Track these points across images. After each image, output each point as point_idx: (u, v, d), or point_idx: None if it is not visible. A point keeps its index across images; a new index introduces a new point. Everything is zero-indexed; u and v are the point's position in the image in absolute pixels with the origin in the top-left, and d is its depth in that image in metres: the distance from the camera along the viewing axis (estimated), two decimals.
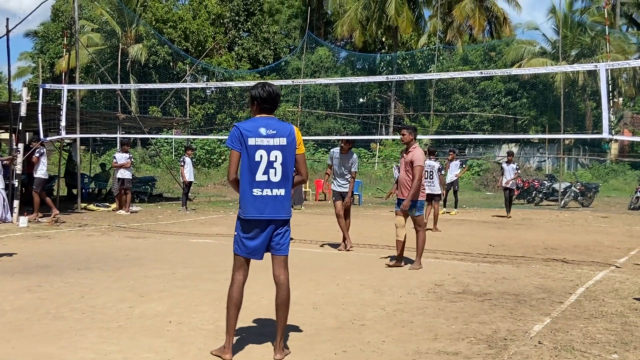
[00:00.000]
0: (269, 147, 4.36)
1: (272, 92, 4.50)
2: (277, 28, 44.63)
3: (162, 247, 10.17)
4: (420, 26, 42.70)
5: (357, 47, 41.72)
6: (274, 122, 4.46)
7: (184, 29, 37.40)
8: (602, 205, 23.06)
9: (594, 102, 36.64)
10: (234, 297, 4.48)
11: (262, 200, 4.38)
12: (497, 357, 4.49)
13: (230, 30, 41.04)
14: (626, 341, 4.92)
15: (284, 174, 4.41)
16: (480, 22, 39.49)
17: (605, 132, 9.49)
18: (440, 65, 37.64)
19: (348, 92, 40.23)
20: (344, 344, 4.79)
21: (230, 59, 39.34)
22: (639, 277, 7.91)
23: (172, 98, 34.62)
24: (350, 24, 39.58)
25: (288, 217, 4.51)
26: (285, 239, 4.56)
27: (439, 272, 8.12)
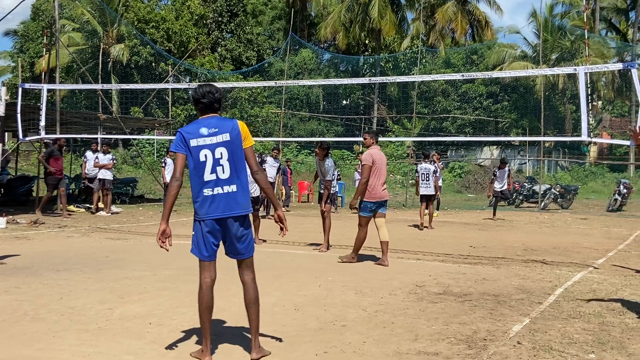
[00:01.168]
0: (212, 145, 4.34)
1: (207, 92, 4.46)
2: (261, 29, 44.64)
3: (143, 249, 10.12)
4: (403, 29, 42.93)
5: (340, 49, 41.84)
6: (215, 120, 4.44)
7: (166, 30, 37.27)
8: (581, 207, 23.31)
9: (574, 105, 37.04)
10: (204, 301, 4.40)
11: (213, 199, 4.32)
12: (477, 357, 4.52)
13: (213, 31, 40.96)
14: (603, 341, 4.97)
15: (233, 169, 4.36)
16: (463, 26, 39.80)
17: (584, 135, 9.60)
18: (422, 68, 37.86)
19: (331, 94, 40.33)
20: (325, 344, 4.80)
21: (213, 60, 39.25)
22: (616, 278, 8.01)
23: (154, 99, 34.43)
24: (333, 26, 39.70)
25: (244, 212, 4.41)
26: (245, 241, 4.46)
27: (421, 273, 8.16)
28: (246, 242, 4.47)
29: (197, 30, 39.73)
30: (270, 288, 6.90)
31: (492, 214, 17.93)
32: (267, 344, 4.68)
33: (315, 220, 14.97)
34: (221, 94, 4.56)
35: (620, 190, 21.66)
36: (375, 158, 8.85)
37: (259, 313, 4.52)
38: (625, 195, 21.72)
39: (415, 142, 33.80)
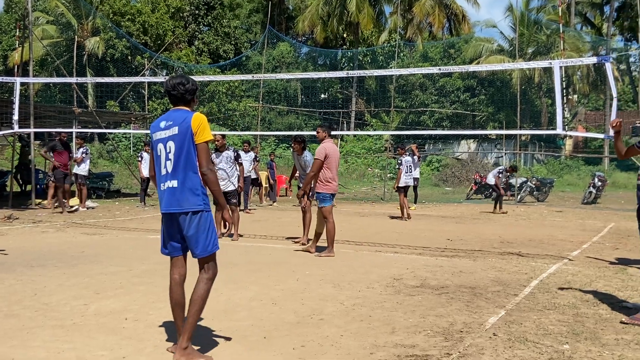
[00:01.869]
0: (165, 139, 4.27)
1: (176, 84, 4.32)
2: (238, 23, 44.38)
3: (119, 244, 10.03)
4: (381, 23, 42.97)
5: (318, 43, 41.78)
6: (178, 113, 4.31)
7: (142, 22, 36.91)
8: (557, 199, 23.59)
9: (550, 99, 37.43)
10: (174, 298, 4.35)
11: (163, 193, 4.30)
12: (453, 349, 4.55)
13: (190, 24, 40.67)
14: (577, 332, 5.04)
15: (176, 164, 4.22)
16: (440, 20, 39.93)
17: (559, 129, 9.71)
18: (400, 62, 37.96)
19: (309, 87, 40.29)
20: (303, 338, 4.80)
21: (190, 54, 38.97)
22: (590, 269, 8.12)
23: (131, 92, 34.09)
24: (311, 19, 39.59)
25: (188, 209, 4.21)
26: (197, 239, 4.25)
27: (398, 266, 8.19)
28: (198, 242, 4.26)
29: (173, 23, 39.41)
30: (247, 282, 6.88)
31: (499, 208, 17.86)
32: (220, 345, 4.66)
33: (294, 214, 14.96)
34: (195, 85, 4.41)
35: (595, 183, 21.95)
36: (329, 152, 9.03)
37: (198, 314, 4.25)
38: (599, 188, 22.01)
39: (393, 136, 33.92)
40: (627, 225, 13.81)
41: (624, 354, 4.47)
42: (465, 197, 24.04)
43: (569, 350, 4.54)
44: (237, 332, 4.95)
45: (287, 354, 4.42)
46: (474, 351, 4.50)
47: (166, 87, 4.39)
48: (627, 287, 6.95)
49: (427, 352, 4.47)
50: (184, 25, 40.61)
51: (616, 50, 38.84)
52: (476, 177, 24.77)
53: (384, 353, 4.46)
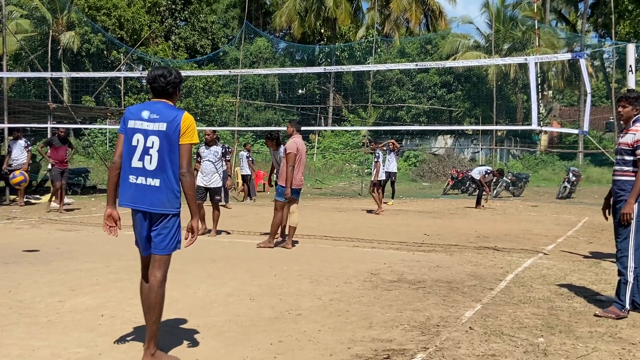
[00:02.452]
0: (146, 131, 4.06)
1: (157, 75, 4.17)
2: (215, 17, 44.10)
3: (95, 240, 9.93)
4: (358, 18, 43.01)
5: (295, 38, 41.72)
6: (161, 106, 4.16)
7: (118, 17, 36.48)
8: (532, 194, 23.84)
9: (525, 95, 37.79)
10: (143, 298, 4.17)
11: (136, 188, 4.07)
12: (430, 343, 4.59)
13: (166, 19, 40.33)
14: (552, 325, 5.11)
15: (160, 163, 4.05)
16: (417, 15, 40.11)
17: (534, 124, 9.80)
18: (378, 58, 38.04)
19: (287, 83, 40.20)
20: (280, 334, 4.81)
21: (166, 49, 38.67)
22: (565, 263, 8.23)
23: (107, 87, 33.76)
24: (288, 14, 39.51)
25: (164, 211, 4.09)
26: (164, 237, 4.12)
27: (375, 261, 8.23)
28: (163, 236, 4.12)
29: (150, 17, 39.02)
30: (225, 278, 6.87)
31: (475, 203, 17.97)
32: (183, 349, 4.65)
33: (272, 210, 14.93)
34: (178, 76, 4.26)
35: (569, 178, 22.22)
36: (299, 147, 9.11)
37: (158, 319, 4.11)
38: (574, 182, 22.28)
39: (370, 131, 34.01)
40: (600, 219, 13.92)
41: (597, 346, 4.54)
42: (442, 192, 24.18)
43: (544, 343, 4.60)
44: (214, 328, 4.94)
45: (264, 350, 4.42)
46: (451, 345, 4.54)
47: (147, 79, 4.26)
48: (601, 280, 7.06)
49: (404, 347, 4.50)
50: (161, 20, 40.26)
51: (590, 46, 39.35)
52: (453, 172, 24.95)
53: (361, 347, 4.48)
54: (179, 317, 5.20)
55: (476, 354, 4.35)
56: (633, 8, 36.81)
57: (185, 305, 5.59)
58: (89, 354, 4.27)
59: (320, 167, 33.06)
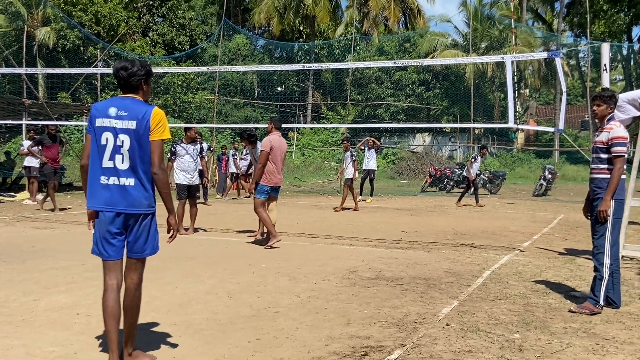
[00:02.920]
0: (115, 129, 3.86)
1: (120, 67, 3.97)
2: (193, 14, 43.82)
3: (71, 238, 9.83)
4: (337, 16, 43.02)
5: (274, 36, 41.61)
6: (129, 102, 3.95)
7: (94, 13, 36.09)
8: (509, 192, 24.07)
9: (502, 93, 38.10)
10: (110, 306, 3.89)
11: (108, 189, 3.88)
12: (407, 339, 4.61)
13: (144, 15, 39.98)
14: (527, 321, 5.17)
15: (133, 161, 3.87)
16: (396, 14, 40.22)
17: (511, 122, 9.90)
18: (357, 55, 38.12)
19: (266, 80, 40.12)
20: (258, 331, 4.80)
21: (144, 45, 38.33)
22: (540, 260, 8.32)
23: (83, 84, 33.39)
24: (267, 12, 39.39)
25: (140, 211, 3.92)
26: (141, 240, 3.97)
27: (354, 258, 8.25)
28: (141, 242, 3.98)
29: (127, 13, 38.66)
30: (203, 276, 6.84)
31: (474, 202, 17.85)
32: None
33: (251, 207, 14.91)
34: (143, 68, 4.02)
35: (545, 175, 22.48)
36: (274, 145, 9.10)
37: (136, 321, 4.01)
38: (550, 180, 22.55)
39: (349, 129, 34.07)
40: (576, 216, 14.18)
41: (571, 342, 4.61)
42: (421, 190, 24.32)
43: (520, 339, 4.65)
44: (192, 325, 4.92)
45: (242, 347, 4.41)
46: (428, 341, 4.58)
47: (113, 71, 4.06)
48: (576, 276, 7.16)
49: (381, 343, 4.52)
50: (138, 16, 39.90)
51: (566, 45, 39.82)
52: (431, 169, 25.10)
53: (339, 345, 4.49)
54: (157, 315, 5.17)
55: (453, 350, 4.39)
56: (608, 8, 37.34)
57: (164, 303, 5.56)
58: (65, 353, 4.23)
59: (299, 165, 33.04)
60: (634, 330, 4.96)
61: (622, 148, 5.54)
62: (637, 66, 41.38)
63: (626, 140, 5.57)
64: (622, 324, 5.14)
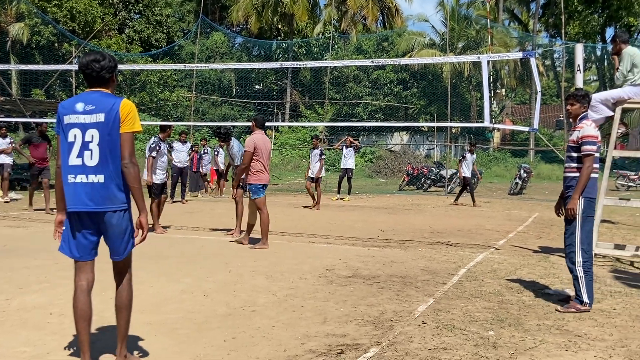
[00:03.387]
0: (84, 125, 3.72)
1: (90, 61, 3.82)
2: (170, 11, 43.47)
3: (45, 237, 9.70)
4: (315, 14, 43.00)
5: (252, 33, 41.46)
6: (97, 96, 3.81)
7: (69, 9, 35.64)
8: (485, 190, 24.27)
9: (479, 93, 38.39)
10: (80, 308, 3.81)
11: (75, 188, 3.73)
12: (383, 337, 4.63)
13: (120, 12, 39.58)
14: (502, 318, 5.22)
15: (103, 157, 3.72)
16: (374, 13, 40.32)
17: (487, 121, 9.98)
18: (335, 54, 38.15)
19: (244, 78, 39.99)
20: (234, 330, 4.78)
21: (120, 42, 37.95)
22: (515, 258, 8.41)
23: (58, 81, 32.95)
24: (245, 9, 39.23)
25: (111, 208, 3.76)
26: (119, 240, 3.84)
27: (331, 257, 8.26)
28: (123, 242, 3.86)
29: (102, 10, 38.24)
30: (178, 275, 6.80)
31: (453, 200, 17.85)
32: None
33: (227, 206, 14.86)
34: (112, 60, 3.88)
35: (520, 174, 22.72)
36: (258, 144, 9.02)
37: (129, 319, 3.96)
38: (525, 179, 22.80)
39: (327, 127, 34.09)
40: (550, 215, 14.32)
41: (544, 339, 4.66)
42: (398, 189, 24.42)
43: (494, 336, 4.69)
44: (167, 325, 4.89)
45: (217, 346, 4.40)
46: (403, 339, 4.60)
47: (79, 66, 3.89)
48: (550, 274, 7.24)
49: (357, 341, 4.53)
50: (114, 12, 39.49)
51: (541, 46, 40.24)
52: (408, 168, 25.22)
53: (315, 343, 4.49)
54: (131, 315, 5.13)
55: (428, 347, 4.41)
56: (582, 9, 37.82)
57: (138, 302, 5.48)
58: (37, 353, 4.18)
59: (277, 163, 32.98)
60: (605, 327, 5.03)
61: (591, 147, 5.58)
62: (611, 67, 41.93)
63: (596, 139, 5.62)
64: (594, 321, 5.21)
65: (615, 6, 36.88)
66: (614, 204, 9.10)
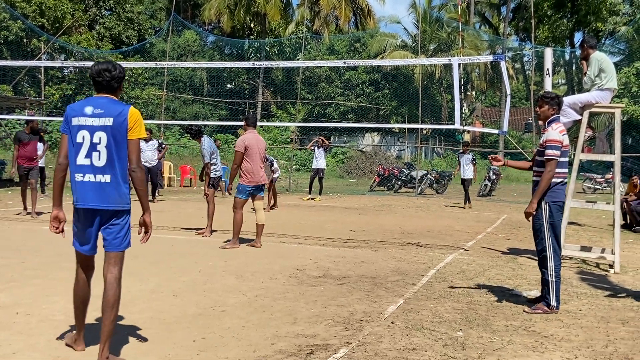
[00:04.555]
0: (92, 127, 4.01)
1: (102, 70, 4.13)
2: (142, 8, 42.98)
3: (11, 235, 9.55)
4: (288, 14, 42.94)
5: (225, 32, 41.21)
6: (106, 101, 4.11)
7: (39, 4, 35.03)
8: (455, 192, 24.46)
9: (450, 95, 38.70)
10: (81, 296, 4.18)
11: (83, 186, 4.02)
12: (353, 338, 4.65)
13: (90, 8, 39.04)
14: (470, 319, 5.28)
15: (110, 158, 4.02)
16: (346, 13, 40.39)
17: (457, 123, 10.10)
18: (307, 54, 38.12)
19: (215, 77, 39.73)
20: (204, 330, 4.77)
21: (90, 38, 37.41)
22: (484, 259, 8.51)
23: (26, 77, 32.37)
24: (218, 8, 38.99)
25: (116, 207, 4.09)
26: (117, 234, 4.14)
27: (301, 257, 8.27)
28: (116, 232, 4.14)
29: (73, 6, 37.66)
30: (147, 274, 6.74)
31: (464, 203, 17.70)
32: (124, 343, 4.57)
33: (198, 205, 14.77)
34: (122, 71, 4.21)
35: (490, 176, 22.98)
36: (249, 143, 8.97)
37: (114, 319, 4.08)
38: (494, 181, 23.07)
39: (299, 127, 34.09)
40: (518, 217, 14.54)
41: (512, 339, 4.73)
42: (369, 189, 24.51)
43: (462, 337, 4.75)
44: (136, 325, 4.85)
45: (187, 347, 4.37)
46: (373, 339, 4.62)
47: (91, 74, 4.15)
48: (517, 275, 7.34)
49: (327, 342, 4.55)
50: (85, 8, 38.93)
51: (511, 49, 40.68)
52: (379, 169, 25.32)
53: (285, 343, 4.50)
54: (98, 314, 5.06)
55: (397, 347, 4.44)
56: (552, 14, 38.40)
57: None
58: (2, 354, 4.11)
59: None
60: (571, 328, 5.12)
61: (553, 151, 5.63)
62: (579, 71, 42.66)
63: (559, 143, 5.63)
64: (561, 322, 5.30)
65: (583, 11, 37.51)
66: (580, 206, 9.26)
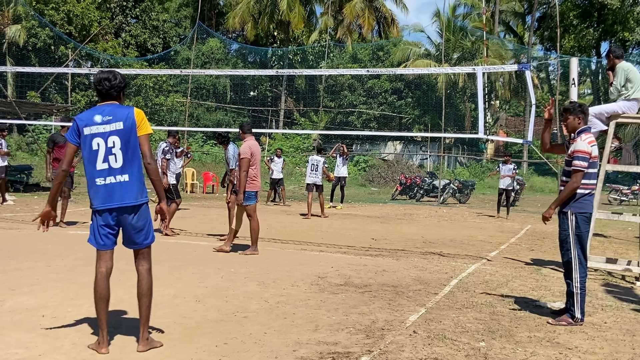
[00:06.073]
0: (105, 134, 4.31)
1: (102, 79, 4.40)
2: (167, 16, 43.46)
3: (37, 239, 9.66)
4: (311, 22, 43.09)
5: (248, 40, 41.49)
6: (111, 107, 4.40)
7: (67, 12, 35.61)
8: (478, 202, 24.32)
9: (473, 104, 38.51)
10: (99, 291, 4.37)
11: (105, 189, 4.31)
12: (374, 346, 4.64)
13: (117, 16, 39.57)
14: (493, 330, 5.23)
15: (126, 158, 4.34)
16: (370, 22, 40.42)
17: (481, 133, 10.04)
18: (330, 62, 38.23)
19: (239, 84, 39.99)
20: (226, 336, 4.79)
21: (116, 46, 37.91)
22: (507, 269, 8.43)
23: (53, 83, 32.91)
24: (242, 16, 39.27)
25: (137, 202, 4.37)
26: (141, 231, 4.44)
27: (323, 264, 8.26)
28: (143, 232, 4.45)
29: (99, 14, 38.21)
30: (170, 279, 6.79)
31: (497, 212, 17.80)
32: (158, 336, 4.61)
33: (220, 211, 14.85)
34: (122, 81, 4.45)
35: (514, 186, 22.75)
36: (253, 150, 9.03)
37: (150, 305, 4.48)
38: (518, 191, 22.84)
39: (321, 135, 34.13)
40: (542, 227, 14.40)
41: (535, 351, 4.68)
42: (391, 198, 24.44)
43: (485, 348, 4.71)
44: (159, 329, 4.88)
45: (209, 352, 4.40)
46: (394, 348, 4.61)
47: (94, 82, 4.44)
48: (541, 286, 7.27)
49: (348, 349, 4.54)
50: (111, 16, 39.46)
51: (536, 58, 40.41)
52: (401, 178, 25.25)
53: (307, 350, 4.50)
54: (123, 318, 5.13)
55: (419, 357, 4.42)
56: (578, 23, 38.06)
57: (129, 305, 5.50)
58: (28, 355, 4.17)
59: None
60: (596, 340, 5.05)
61: (580, 162, 5.56)
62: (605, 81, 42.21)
63: (586, 154, 5.57)
64: (585, 334, 5.23)
65: (610, 21, 37.13)
66: (606, 217, 9.14)
